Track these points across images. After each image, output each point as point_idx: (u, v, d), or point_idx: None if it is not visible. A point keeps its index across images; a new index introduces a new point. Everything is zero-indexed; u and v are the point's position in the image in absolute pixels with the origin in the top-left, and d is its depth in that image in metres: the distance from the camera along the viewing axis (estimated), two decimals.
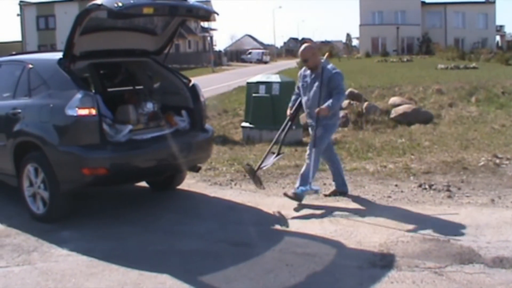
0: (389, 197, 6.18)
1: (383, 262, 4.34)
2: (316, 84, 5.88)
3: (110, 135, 5.51)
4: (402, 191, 6.37)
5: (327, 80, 5.81)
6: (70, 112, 5.18)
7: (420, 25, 58.20)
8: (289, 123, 6.28)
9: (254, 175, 6.38)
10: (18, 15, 52.70)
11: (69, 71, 5.54)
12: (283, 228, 5.35)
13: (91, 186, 5.43)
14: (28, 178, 5.65)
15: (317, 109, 5.82)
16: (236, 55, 75.13)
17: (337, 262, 4.44)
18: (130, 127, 5.74)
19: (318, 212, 5.74)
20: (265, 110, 9.81)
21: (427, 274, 4.06)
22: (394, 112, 11.65)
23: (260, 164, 6.37)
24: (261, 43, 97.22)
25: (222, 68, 50.60)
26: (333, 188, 6.37)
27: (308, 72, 6.04)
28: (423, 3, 60.33)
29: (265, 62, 66.32)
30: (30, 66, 5.92)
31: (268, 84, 9.92)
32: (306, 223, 5.42)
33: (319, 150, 5.96)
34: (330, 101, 5.75)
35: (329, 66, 5.92)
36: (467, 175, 6.92)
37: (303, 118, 10.81)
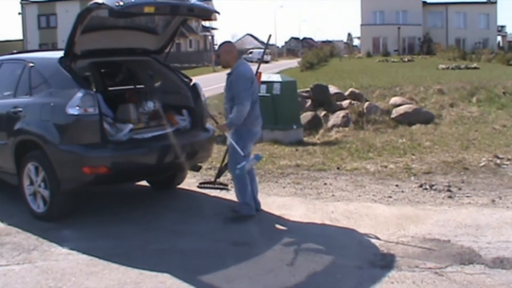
0: (390, 197, 6.17)
1: (384, 262, 4.34)
2: (225, 85, 5.54)
3: (111, 134, 5.51)
4: (402, 191, 6.36)
5: (230, 83, 5.42)
6: (71, 111, 5.18)
7: (422, 25, 58.13)
8: None
9: (214, 183, 6.41)
10: (19, 13, 52.72)
11: (70, 70, 5.54)
12: (284, 227, 5.35)
13: (92, 185, 5.43)
14: (29, 177, 5.65)
15: (217, 125, 5.75)
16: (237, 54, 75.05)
17: (337, 262, 4.44)
18: (131, 126, 5.74)
19: (319, 211, 5.74)
20: (266, 110, 9.69)
21: (427, 275, 4.06)
22: (395, 112, 11.65)
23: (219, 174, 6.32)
24: (262, 43, 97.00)
25: (223, 67, 50.53)
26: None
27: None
28: (425, 3, 60.25)
29: (266, 62, 66.22)
30: (31, 64, 5.92)
31: (269, 84, 9.92)
32: (306, 222, 5.41)
33: (235, 165, 5.41)
34: (231, 116, 5.35)
35: (241, 67, 5.45)
36: (467, 176, 6.92)
37: (304, 117, 10.85)
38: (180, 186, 6.82)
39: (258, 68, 6.15)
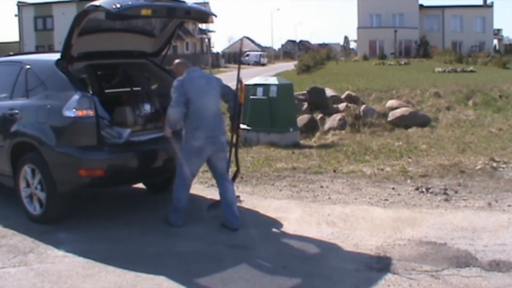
0: (386, 200, 6.18)
1: (380, 265, 4.35)
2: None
3: (108, 137, 5.49)
4: (399, 194, 6.37)
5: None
6: (67, 113, 5.18)
7: (418, 28, 58.20)
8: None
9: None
10: (16, 15, 52.58)
11: (67, 72, 5.53)
12: (280, 230, 5.35)
13: (88, 187, 5.42)
14: (25, 179, 5.64)
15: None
16: (234, 57, 75.17)
17: (334, 264, 4.44)
18: (129, 131, 5.71)
19: (315, 214, 5.74)
20: (263, 113, 9.82)
21: (424, 278, 4.07)
22: (391, 115, 11.67)
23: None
24: (259, 45, 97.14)
25: (220, 70, 50.57)
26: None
27: None
28: (421, 6, 60.34)
29: (263, 64, 66.34)
30: (28, 66, 5.90)
31: (266, 87, 9.93)
32: (303, 225, 5.41)
33: (179, 175, 5.39)
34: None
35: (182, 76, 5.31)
36: (464, 179, 6.93)
37: (300, 120, 10.86)
38: None
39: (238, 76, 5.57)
